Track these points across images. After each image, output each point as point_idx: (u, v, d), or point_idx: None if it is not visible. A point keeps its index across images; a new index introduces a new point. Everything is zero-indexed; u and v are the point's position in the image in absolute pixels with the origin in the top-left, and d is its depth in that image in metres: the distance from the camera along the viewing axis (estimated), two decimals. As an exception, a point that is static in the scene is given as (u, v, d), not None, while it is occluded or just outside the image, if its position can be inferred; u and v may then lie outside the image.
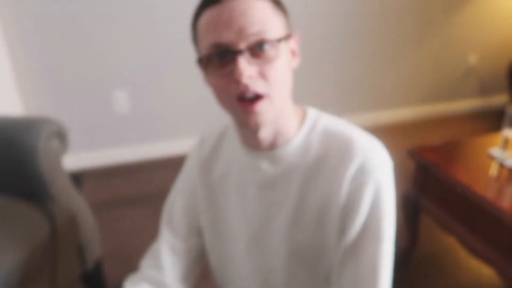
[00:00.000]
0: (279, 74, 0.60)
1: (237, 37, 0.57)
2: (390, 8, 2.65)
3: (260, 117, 0.60)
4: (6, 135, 1.19)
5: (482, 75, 3.04)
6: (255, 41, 0.57)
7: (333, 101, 2.79)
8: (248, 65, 0.57)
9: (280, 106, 0.62)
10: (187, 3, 2.27)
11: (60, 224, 1.15)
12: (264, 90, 0.58)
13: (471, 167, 1.39)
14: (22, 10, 2.05)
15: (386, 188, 0.65)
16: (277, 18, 0.60)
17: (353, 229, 0.64)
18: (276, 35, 0.59)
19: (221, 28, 0.57)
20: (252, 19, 0.57)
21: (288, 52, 0.63)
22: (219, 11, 0.58)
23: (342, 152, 0.65)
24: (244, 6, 0.57)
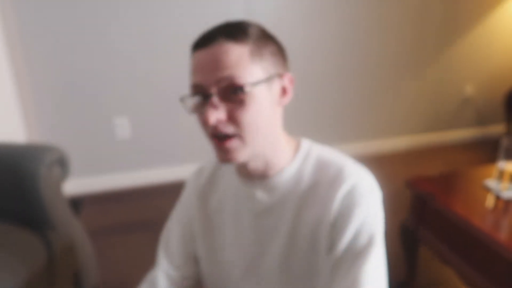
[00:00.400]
0: (251, 117, 0.62)
1: (210, 81, 0.61)
2: (389, 40, 2.72)
3: (230, 154, 0.63)
4: (8, 161, 1.20)
5: (479, 105, 3.08)
6: (226, 86, 0.61)
7: (332, 130, 2.83)
8: (216, 109, 0.61)
9: (255, 146, 0.65)
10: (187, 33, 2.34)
11: (58, 252, 1.16)
12: (233, 132, 0.62)
13: (467, 198, 1.40)
14: (29, 39, 2.11)
15: (374, 212, 0.67)
16: (254, 64, 0.62)
17: (339, 247, 0.65)
18: (251, 79, 0.61)
19: (198, 72, 0.62)
20: (225, 64, 0.60)
21: (271, 93, 0.65)
22: (199, 56, 0.63)
23: (332, 180, 0.67)
24: (220, 51, 0.61)
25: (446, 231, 1.39)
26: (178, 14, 2.27)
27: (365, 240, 0.65)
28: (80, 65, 2.24)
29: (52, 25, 2.12)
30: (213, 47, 0.61)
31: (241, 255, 0.75)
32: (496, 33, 2.94)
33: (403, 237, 1.56)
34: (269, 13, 2.43)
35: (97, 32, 2.20)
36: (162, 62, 2.34)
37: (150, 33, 2.27)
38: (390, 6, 2.63)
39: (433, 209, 1.41)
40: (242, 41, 0.61)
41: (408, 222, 1.54)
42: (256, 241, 0.73)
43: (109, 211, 2.23)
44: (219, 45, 0.61)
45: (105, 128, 2.39)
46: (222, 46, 0.60)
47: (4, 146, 1.27)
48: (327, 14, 2.53)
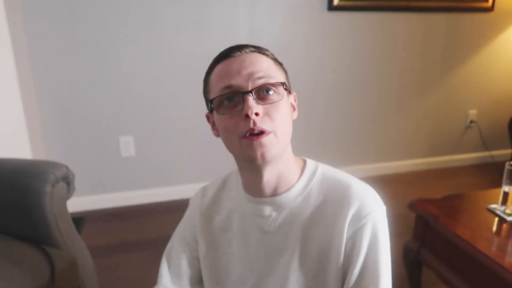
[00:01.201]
0: (283, 116, 0.66)
1: (246, 81, 0.65)
2: (393, 64, 2.76)
3: (265, 149, 0.64)
4: (13, 177, 1.21)
5: (483, 130, 3.09)
6: (261, 85, 0.65)
7: (336, 152, 2.84)
8: (256, 104, 0.63)
9: (283, 146, 0.67)
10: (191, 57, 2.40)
11: (60, 269, 1.15)
12: (270, 128, 0.64)
13: (471, 222, 1.39)
14: (37, 58, 2.16)
15: (382, 230, 0.68)
16: (279, 72, 0.70)
17: (354, 272, 0.66)
18: (280, 81, 0.68)
19: (233, 74, 0.65)
20: (259, 67, 0.66)
21: (289, 103, 0.70)
22: (230, 63, 0.67)
23: (340, 197, 0.69)
24: (252, 58, 0.67)
25: (449, 253, 1.38)
26: (183, 38, 2.32)
27: (378, 255, 0.66)
28: (87, 85, 2.28)
29: (60, 45, 2.18)
30: (245, 55, 0.68)
31: (248, 273, 0.75)
32: (499, 59, 2.97)
33: (406, 258, 1.55)
34: (273, 36, 2.48)
35: (105, 54, 2.25)
36: (168, 84, 2.38)
37: (156, 56, 2.32)
38: (394, 31, 2.68)
39: (436, 232, 1.40)
40: (265, 54, 0.70)
41: (411, 243, 1.53)
42: (264, 259, 0.73)
43: (111, 230, 2.22)
44: (249, 54, 0.68)
45: (109, 147, 2.41)
46: (253, 54, 0.68)
47: (9, 162, 1.28)
48: (331, 38, 2.58)
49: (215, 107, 0.68)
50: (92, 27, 2.19)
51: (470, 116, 3.07)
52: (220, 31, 2.36)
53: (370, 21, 2.61)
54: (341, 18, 2.55)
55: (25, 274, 1.07)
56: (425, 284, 1.61)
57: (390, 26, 2.66)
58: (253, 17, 2.40)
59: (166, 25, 2.28)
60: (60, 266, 1.16)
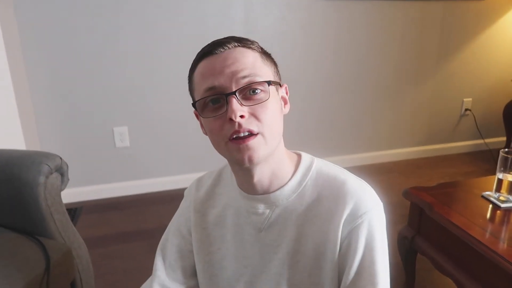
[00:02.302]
0: (271, 115, 0.63)
1: (229, 81, 0.61)
2: (389, 54, 2.75)
3: (253, 152, 0.62)
4: (6, 169, 1.20)
5: (478, 118, 3.10)
6: (246, 84, 0.62)
7: (333, 142, 2.84)
8: (240, 105, 0.60)
9: (272, 146, 0.65)
10: (186, 46, 2.38)
11: (55, 260, 1.15)
12: (257, 129, 0.61)
13: (465, 209, 1.40)
14: (29, 48, 2.14)
15: (378, 229, 0.67)
16: (266, 67, 0.66)
17: (350, 272, 0.65)
18: (266, 79, 0.64)
19: (215, 74, 0.62)
20: (243, 65, 0.62)
21: (278, 98, 0.67)
22: (213, 60, 0.63)
23: (335, 195, 0.68)
24: (236, 55, 0.63)
25: (444, 241, 1.38)
26: (178, 27, 2.30)
27: (375, 253, 0.65)
28: (81, 75, 2.26)
29: (53, 35, 2.15)
30: (228, 51, 0.63)
31: (242, 269, 0.74)
32: (494, 47, 2.97)
33: (400, 246, 1.56)
34: (269, 26, 2.46)
35: (98, 44, 2.22)
36: (162, 73, 2.36)
37: (150, 46, 2.30)
38: (390, 19, 2.66)
39: (430, 219, 1.40)
40: (251, 48, 0.66)
41: (406, 231, 1.54)
42: (258, 256, 0.72)
43: (106, 220, 2.22)
44: (233, 49, 0.64)
45: (103, 137, 2.40)
46: (237, 50, 0.64)
47: (2, 153, 1.27)
48: (327, 27, 2.57)
49: (199, 110, 0.65)
50: (86, 17, 2.16)
51: (465, 104, 3.07)
52: (215, 21, 2.34)
53: (366, 9, 2.59)
54: (337, 7, 2.53)
55: (20, 266, 1.07)
56: (419, 271, 1.63)
57: (386, 14, 2.64)
58: (248, 7, 2.38)
59: (161, 16, 2.26)
60: (55, 257, 1.15)
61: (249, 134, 0.61)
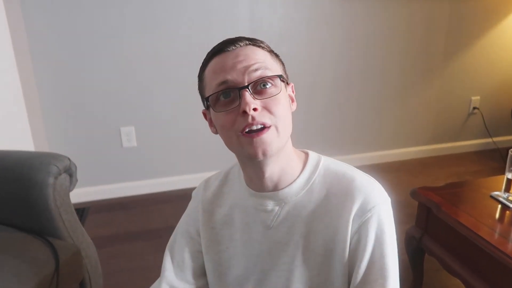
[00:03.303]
0: (282, 109, 0.64)
1: (241, 76, 0.63)
2: (395, 52, 2.73)
3: (266, 145, 0.62)
4: (16, 169, 1.22)
5: (486, 116, 3.07)
6: (258, 78, 0.63)
7: (340, 141, 2.84)
8: (253, 99, 0.61)
9: (284, 139, 0.66)
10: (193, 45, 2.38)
11: (64, 260, 1.16)
12: (270, 121, 0.62)
13: (474, 209, 1.39)
14: (37, 48, 2.16)
15: (387, 223, 0.67)
16: (276, 63, 0.68)
17: (361, 266, 0.65)
18: (277, 73, 0.66)
19: (228, 69, 0.63)
20: (255, 60, 0.64)
21: (287, 95, 0.68)
22: (224, 57, 0.65)
23: (344, 191, 0.68)
24: (247, 51, 0.65)
25: (452, 241, 1.38)
26: (183, 27, 2.30)
27: (385, 249, 0.66)
28: (88, 75, 2.27)
29: (61, 36, 2.17)
30: (240, 49, 0.65)
31: (251, 268, 0.75)
32: (502, 44, 2.94)
33: (408, 246, 1.55)
34: (274, 24, 2.45)
35: (105, 45, 2.24)
36: (168, 73, 2.37)
37: (155, 46, 2.31)
38: (396, 18, 2.65)
39: (438, 219, 1.40)
40: (261, 46, 0.68)
41: (414, 231, 1.53)
42: (268, 254, 0.73)
43: (113, 220, 2.24)
44: (245, 47, 0.66)
45: (111, 138, 2.41)
46: (248, 47, 0.66)
47: (12, 154, 1.28)
48: (332, 25, 2.56)
49: (211, 105, 0.66)
50: (93, 18, 2.18)
51: (473, 102, 3.05)
52: (220, 19, 2.34)
53: (372, 7, 2.58)
54: (343, 5, 2.52)
55: (30, 265, 1.08)
56: (427, 271, 1.62)
57: (392, 12, 2.63)
58: (253, 5, 2.38)
59: (167, 15, 2.26)
60: (64, 257, 1.17)
61: (262, 127, 0.61)
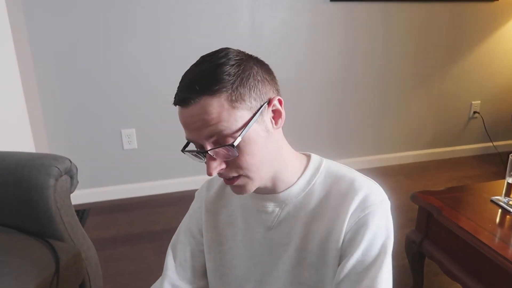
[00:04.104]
0: (251, 159, 0.62)
1: (200, 139, 0.61)
2: (396, 56, 2.74)
3: (240, 189, 0.66)
4: (17, 171, 1.22)
5: (486, 120, 3.07)
6: (215, 143, 0.61)
7: (339, 145, 2.84)
8: (216, 162, 0.62)
9: (261, 178, 0.66)
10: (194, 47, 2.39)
11: (65, 262, 1.16)
12: (237, 173, 0.64)
13: (474, 214, 1.39)
14: (39, 50, 2.16)
15: (384, 225, 0.67)
16: (237, 109, 0.60)
17: (352, 259, 0.65)
18: (237, 126, 0.60)
19: (188, 129, 0.62)
20: (208, 122, 0.59)
21: (264, 123, 0.63)
22: (183, 113, 0.61)
23: (343, 192, 0.68)
24: (200, 110, 0.59)
25: (452, 245, 1.38)
26: (185, 30, 2.31)
27: (377, 251, 0.65)
28: (89, 77, 2.28)
29: (63, 38, 2.17)
30: (192, 106, 0.59)
31: (252, 268, 0.75)
32: (503, 49, 2.94)
33: (408, 250, 1.55)
34: (275, 28, 2.46)
35: (106, 47, 2.24)
36: (169, 76, 2.37)
37: (157, 49, 2.31)
38: (396, 22, 2.66)
39: (438, 224, 1.40)
40: (218, 92, 0.58)
41: (414, 235, 1.53)
42: (268, 254, 0.73)
43: (114, 222, 2.23)
44: (196, 104, 0.59)
45: (112, 139, 2.41)
46: (200, 104, 0.58)
47: (13, 156, 1.29)
48: (333, 29, 2.56)
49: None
50: (94, 21, 2.18)
51: (474, 107, 3.05)
52: (221, 24, 2.35)
53: (372, 11, 2.59)
54: (344, 9, 2.53)
55: (31, 267, 1.08)
56: (427, 275, 1.62)
57: (392, 16, 2.63)
58: (254, 9, 2.39)
59: (167, 18, 2.27)
60: (64, 259, 1.17)
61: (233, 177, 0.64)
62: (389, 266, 0.66)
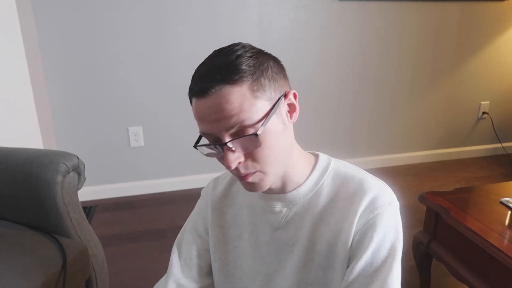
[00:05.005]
0: (269, 152, 0.61)
1: (219, 131, 0.59)
2: (405, 56, 2.72)
3: (254, 186, 0.64)
4: (25, 167, 1.22)
5: (495, 121, 3.05)
6: (236, 134, 0.59)
7: (348, 144, 2.83)
8: (235, 154, 0.60)
9: (276, 173, 0.65)
10: (201, 44, 2.39)
11: (72, 258, 1.16)
12: (254, 169, 0.62)
13: (483, 215, 1.37)
14: (47, 48, 2.17)
15: (393, 225, 0.66)
16: (258, 99, 0.59)
17: (362, 261, 0.64)
18: (257, 118, 0.59)
19: (205, 121, 0.60)
20: (229, 112, 0.57)
21: (278, 119, 0.62)
22: (200, 105, 0.59)
23: (352, 193, 0.68)
24: (220, 100, 0.57)
25: (460, 247, 1.36)
26: (192, 28, 2.31)
27: (386, 252, 0.64)
28: (97, 75, 2.29)
29: (71, 36, 2.18)
30: (212, 96, 0.57)
31: (258, 268, 0.75)
32: (510, 50, 2.91)
33: (415, 251, 1.54)
34: (283, 27, 2.45)
35: (115, 45, 2.25)
36: (176, 74, 2.38)
37: (164, 47, 2.32)
38: (406, 23, 2.64)
39: (447, 225, 1.38)
40: (239, 82, 0.57)
41: (421, 236, 1.52)
42: (274, 255, 0.73)
43: (120, 219, 2.24)
44: (217, 94, 0.57)
45: (119, 137, 2.42)
46: (221, 94, 0.57)
47: (21, 152, 1.29)
48: (341, 28, 2.55)
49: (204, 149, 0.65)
50: (101, 18, 2.19)
51: (483, 107, 3.02)
52: (228, 22, 2.35)
53: (381, 11, 2.57)
54: (352, 8, 2.52)
55: (38, 263, 1.09)
56: (435, 276, 1.60)
57: (402, 15, 2.62)
58: (262, 8, 2.38)
59: (174, 16, 2.27)
60: (71, 256, 1.17)
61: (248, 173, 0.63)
62: (398, 268, 0.65)
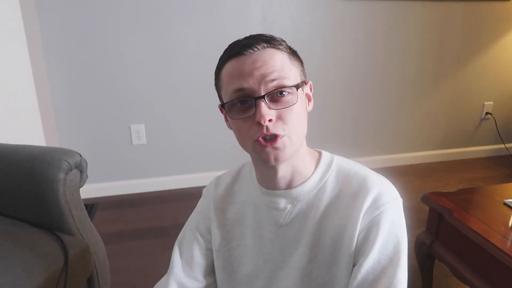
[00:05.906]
0: (296, 117, 0.64)
1: (258, 84, 0.62)
2: (409, 56, 2.71)
3: (279, 152, 0.63)
4: (27, 164, 1.22)
5: (499, 122, 3.03)
6: (275, 88, 0.62)
7: (352, 144, 2.83)
8: (268, 109, 0.61)
9: (297, 145, 0.66)
10: (204, 44, 2.39)
11: (73, 256, 1.16)
12: (283, 132, 0.62)
13: (486, 216, 1.36)
14: (50, 45, 2.18)
15: (398, 221, 0.67)
16: (293, 67, 0.66)
17: (369, 258, 0.64)
18: (293, 82, 0.64)
19: (244, 76, 0.62)
20: (272, 68, 0.62)
21: (304, 97, 0.68)
22: (242, 61, 0.63)
23: (355, 190, 0.68)
24: (265, 57, 0.63)
25: (463, 248, 1.36)
26: (195, 27, 2.31)
27: (392, 249, 0.65)
28: (99, 73, 2.29)
29: (74, 34, 2.18)
30: (256, 53, 0.63)
31: (262, 265, 0.75)
32: (516, 50, 2.90)
33: (418, 252, 1.53)
34: (286, 26, 2.45)
35: (116, 43, 2.25)
36: (179, 72, 2.37)
37: (167, 45, 2.32)
38: (410, 22, 2.62)
39: (449, 225, 1.38)
40: (281, 48, 0.65)
41: (424, 237, 1.52)
42: (278, 252, 0.73)
43: (122, 217, 2.24)
44: (263, 50, 0.63)
45: (121, 134, 2.42)
46: (266, 52, 0.63)
47: (23, 149, 1.29)
48: (345, 27, 2.54)
49: (227, 110, 0.66)
50: (104, 17, 2.19)
51: (486, 108, 3.01)
52: (231, 20, 2.34)
53: (385, 10, 2.56)
54: (356, 7, 2.51)
55: (40, 260, 1.09)
56: (437, 277, 1.60)
57: (405, 15, 2.60)
58: (266, 6, 2.37)
59: (178, 14, 2.27)
60: (73, 253, 1.17)
61: (276, 136, 0.62)
62: (405, 263, 0.66)
